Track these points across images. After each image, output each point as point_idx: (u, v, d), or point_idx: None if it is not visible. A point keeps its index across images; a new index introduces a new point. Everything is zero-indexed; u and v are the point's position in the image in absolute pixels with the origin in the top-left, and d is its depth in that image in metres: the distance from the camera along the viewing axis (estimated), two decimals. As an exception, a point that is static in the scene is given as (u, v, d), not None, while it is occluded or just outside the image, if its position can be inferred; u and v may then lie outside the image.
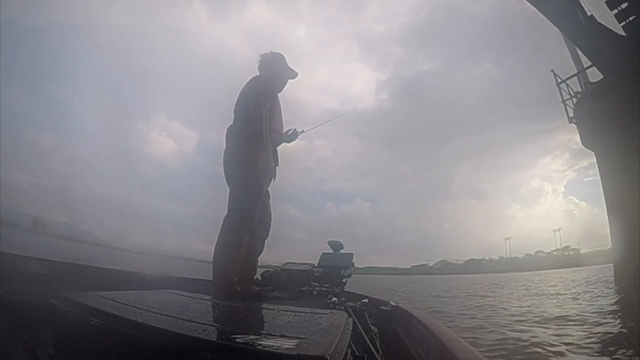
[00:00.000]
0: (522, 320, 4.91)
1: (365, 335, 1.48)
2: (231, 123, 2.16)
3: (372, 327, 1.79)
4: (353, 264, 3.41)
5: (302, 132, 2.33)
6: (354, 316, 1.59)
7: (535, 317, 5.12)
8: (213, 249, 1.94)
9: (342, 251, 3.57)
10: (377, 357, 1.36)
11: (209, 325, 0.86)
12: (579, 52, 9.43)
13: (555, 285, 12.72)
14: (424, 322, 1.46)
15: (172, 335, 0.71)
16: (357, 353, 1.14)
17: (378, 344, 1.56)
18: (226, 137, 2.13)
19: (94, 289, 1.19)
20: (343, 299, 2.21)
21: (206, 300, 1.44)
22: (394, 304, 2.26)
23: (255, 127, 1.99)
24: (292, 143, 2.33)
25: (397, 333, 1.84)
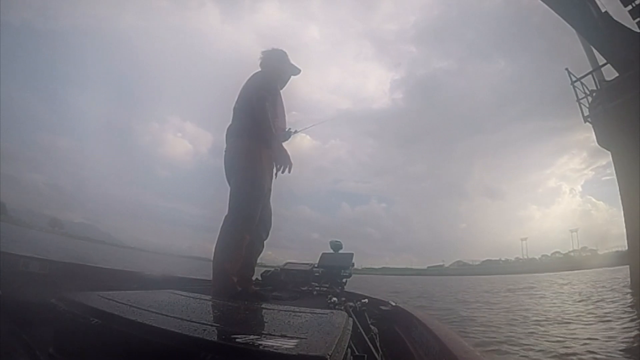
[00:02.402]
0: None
1: (365, 335, 1.48)
2: (230, 122, 2.15)
3: (372, 327, 1.79)
4: (353, 264, 3.41)
5: (296, 132, 2.31)
6: (354, 316, 1.59)
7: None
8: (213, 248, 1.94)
9: (341, 251, 3.57)
10: (377, 357, 1.36)
11: (209, 325, 0.86)
12: (594, 50, 9.21)
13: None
14: (424, 322, 1.46)
15: (172, 335, 0.71)
16: (357, 353, 1.14)
17: (378, 344, 1.56)
18: (226, 136, 2.13)
19: (94, 289, 1.19)
20: (343, 299, 2.21)
21: (206, 300, 1.44)
22: (394, 304, 2.26)
23: (260, 123, 1.97)
24: (286, 142, 2.28)
25: (397, 333, 1.84)
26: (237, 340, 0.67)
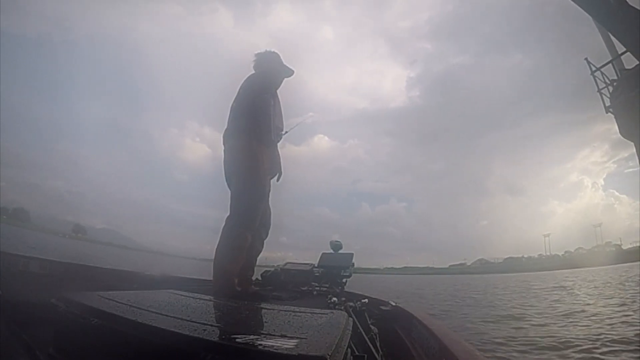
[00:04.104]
0: None
1: (365, 335, 1.48)
2: (226, 126, 2.15)
3: (372, 327, 1.78)
4: (353, 264, 3.41)
5: (286, 132, 2.33)
6: (354, 316, 1.59)
7: None
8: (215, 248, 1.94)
9: (342, 251, 3.57)
10: (377, 357, 1.36)
11: (209, 325, 0.86)
12: (613, 38, 9.18)
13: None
14: (424, 322, 1.46)
15: (172, 335, 0.71)
16: (357, 353, 1.14)
17: (378, 344, 1.56)
18: (224, 138, 2.12)
19: (94, 289, 1.19)
20: (343, 299, 2.21)
21: (206, 300, 1.44)
22: (394, 304, 2.26)
23: (263, 125, 2.00)
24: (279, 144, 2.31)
25: (397, 333, 1.84)
26: (237, 340, 0.67)
